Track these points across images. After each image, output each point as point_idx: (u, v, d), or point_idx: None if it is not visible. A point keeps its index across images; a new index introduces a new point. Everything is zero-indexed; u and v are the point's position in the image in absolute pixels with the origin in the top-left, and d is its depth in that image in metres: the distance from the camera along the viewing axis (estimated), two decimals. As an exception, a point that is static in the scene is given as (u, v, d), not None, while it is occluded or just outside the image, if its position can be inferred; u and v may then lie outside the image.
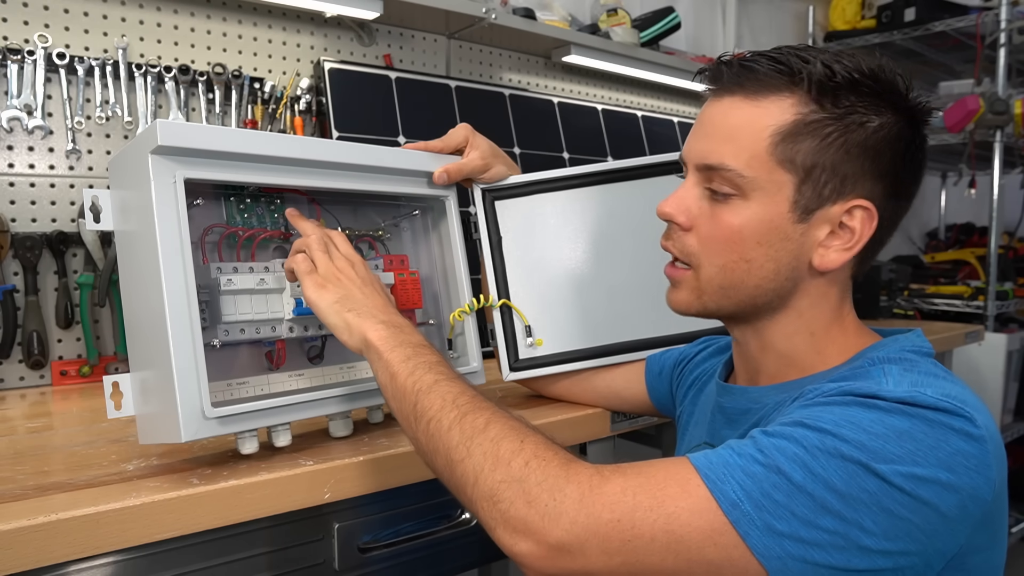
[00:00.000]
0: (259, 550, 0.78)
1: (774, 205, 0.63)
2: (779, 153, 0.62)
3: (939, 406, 0.53)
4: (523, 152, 1.77)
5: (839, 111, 0.62)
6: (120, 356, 1.31)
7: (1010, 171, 3.31)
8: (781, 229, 0.64)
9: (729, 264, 0.66)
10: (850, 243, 0.64)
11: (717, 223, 0.66)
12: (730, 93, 0.65)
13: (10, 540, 0.60)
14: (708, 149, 0.65)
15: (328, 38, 1.61)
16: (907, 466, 0.51)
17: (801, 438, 0.53)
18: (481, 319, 1.02)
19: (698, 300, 0.69)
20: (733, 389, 0.75)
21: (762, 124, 0.63)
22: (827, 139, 0.62)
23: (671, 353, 0.96)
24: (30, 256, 1.24)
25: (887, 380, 0.58)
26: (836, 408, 0.55)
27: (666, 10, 2.09)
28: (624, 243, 1.03)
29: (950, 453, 0.52)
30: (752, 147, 0.63)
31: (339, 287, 0.74)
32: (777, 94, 0.63)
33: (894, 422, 0.53)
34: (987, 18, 2.49)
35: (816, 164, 0.62)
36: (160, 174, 0.71)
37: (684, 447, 0.85)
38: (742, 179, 0.63)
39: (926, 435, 0.52)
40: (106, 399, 0.76)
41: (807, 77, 0.62)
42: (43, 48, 1.26)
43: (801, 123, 0.62)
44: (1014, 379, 2.64)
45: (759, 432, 0.56)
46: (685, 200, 0.68)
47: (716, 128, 0.66)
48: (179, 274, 0.71)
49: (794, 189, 0.63)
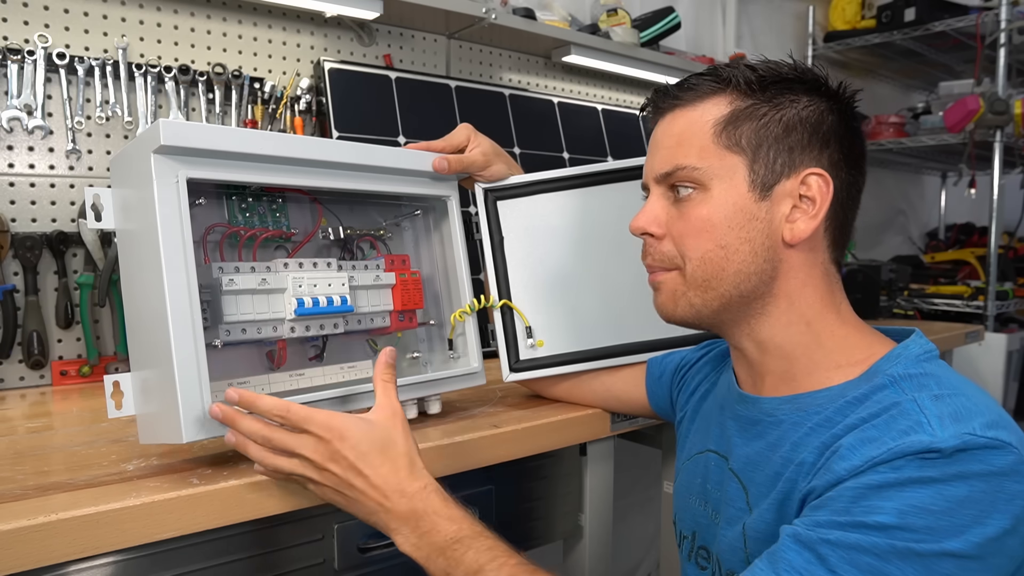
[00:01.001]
0: (259, 550, 0.78)
1: (733, 188, 0.67)
2: (724, 139, 0.67)
3: (989, 445, 0.54)
4: (523, 152, 1.77)
5: (768, 95, 0.67)
6: (120, 356, 1.31)
7: (1010, 171, 3.31)
8: (746, 209, 0.67)
9: (707, 254, 0.67)
10: (813, 210, 0.67)
11: (687, 219, 0.68)
12: (671, 109, 0.71)
13: (10, 540, 0.60)
14: (661, 159, 0.70)
15: (328, 38, 1.61)
16: (975, 532, 0.52)
17: (870, 546, 0.52)
18: (482, 319, 1.02)
19: (683, 298, 0.70)
20: (747, 398, 0.73)
21: (703, 120, 0.68)
22: (764, 118, 0.67)
23: (672, 357, 0.96)
24: (30, 256, 1.24)
25: (928, 418, 0.56)
26: (893, 492, 0.53)
27: (666, 10, 2.09)
28: (626, 244, 1.03)
29: (1007, 499, 0.53)
30: (699, 141, 0.68)
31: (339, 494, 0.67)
32: (712, 97, 0.69)
33: (954, 492, 0.52)
34: (987, 18, 2.49)
35: (761, 142, 0.67)
36: (162, 173, 0.71)
37: (685, 453, 0.85)
38: (697, 171, 0.67)
39: (984, 493, 0.53)
40: (107, 398, 0.75)
41: (735, 78, 0.68)
42: (43, 48, 1.26)
43: (738, 111, 0.67)
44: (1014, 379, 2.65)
45: (823, 544, 0.54)
46: (653, 211, 0.71)
47: (664, 140, 0.71)
48: (181, 274, 0.70)
49: (747, 169, 0.67)
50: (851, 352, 0.67)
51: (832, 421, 0.63)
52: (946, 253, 3.19)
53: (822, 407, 0.65)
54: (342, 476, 0.66)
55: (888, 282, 2.25)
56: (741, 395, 0.75)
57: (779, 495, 0.64)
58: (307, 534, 0.81)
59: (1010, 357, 2.54)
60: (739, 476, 0.71)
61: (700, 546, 0.77)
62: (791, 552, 0.55)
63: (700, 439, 0.82)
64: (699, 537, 0.77)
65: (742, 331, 0.71)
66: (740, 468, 0.71)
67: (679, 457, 0.86)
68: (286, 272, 0.84)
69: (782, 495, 0.63)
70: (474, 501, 0.94)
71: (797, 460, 0.63)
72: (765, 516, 0.64)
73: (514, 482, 1.01)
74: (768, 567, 0.55)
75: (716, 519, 0.73)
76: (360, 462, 0.66)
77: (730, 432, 0.75)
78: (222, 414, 0.68)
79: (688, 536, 0.79)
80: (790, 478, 0.63)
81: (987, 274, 2.56)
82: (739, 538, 0.67)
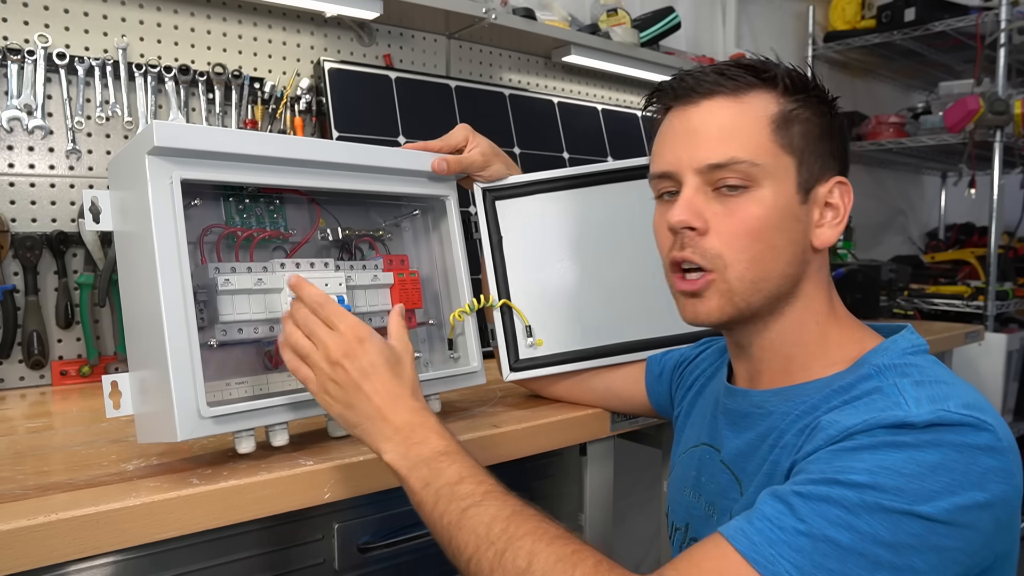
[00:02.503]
0: (259, 550, 0.78)
1: (784, 189, 0.66)
2: (779, 138, 0.66)
3: (964, 422, 0.54)
4: (523, 152, 1.77)
5: (810, 99, 0.68)
6: (120, 356, 1.31)
7: (1010, 171, 3.31)
8: (792, 211, 0.67)
9: (757, 255, 0.66)
10: (838, 218, 0.69)
11: (737, 217, 0.66)
12: (708, 96, 0.68)
13: (10, 540, 0.60)
14: (710, 150, 0.66)
15: (328, 38, 1.61)
16: (946, 499, 0.52)
17: (840, 498, 0.53)
18: (481, 319, 1.02)
19: (730, 303, 0.67)
20: (736, 391, 0.75)
21: (756, 115, 0.66)
22: (808, 123, 0.67)
23: (672, 355, 0.96)
24: (30, 256, 1.24)
25: (906, 400, 0.57)
26: (866, 454, 0.54)
27: (666, 10, 2.09)
28: (625, 243, 1.03)
29: (981, 473, 0.53)
30: (756, 137, 0.66)
31: (337, 393, 0.70)
32: (755, 91, 0.67)
33: (926, 457, 0.53)
34: (987, 18, 2.49)
35: (805, 146, 0.67)
36: (157, 175, 0.71)
37: (681, 447, 0.85)
38: (755, 168, 0.65)
39: (957, 462, 0.53)
40: (105, 398, 0.76)
41: (779, 76, 0.67)
42: (43, 48, 1.26)
43: (787, 111, 0.67)
44: (1014, 379, 2.64)
45: (794, 496, 0.55)
46: (694, 205, 0.67)
47: (707, 129, 0.67)
48: (175, 274, 0.71)
49: (795, 171, 0.66)
50: (846, 348, 0.69)
51: (817, 407, 0.64)
52: (946, 253, 3.19)
53: (809, 396, 0.66)
54: (352, 375, 0.69)
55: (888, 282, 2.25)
56: (729, 389, 0.76)
57: (764, 477, 0.65)
58: (307, 534, 0.81)
59: (1010, 357, 2.53)
60: (731, 467, 0.72)
61: (692, 538, 0.77)
62: (765, 505, 0.56)
63: (695, 433, 0.83)
64: (692, 529, 0.78)
65: (752, 330, 0.71)
66: (731, 460, 0.72)
67: (675, 451, 0.87)
68: (283, 272, 0.84)
69: (766, 477, 0.65)
70: (474, 501, 0.94)
71: (781, 443, 0.65)
72: (751, 498, 0.65)
73: (514, 482, 1.00)
74: (743, 518, 0.56)
75: (711, 512, 0.74)
76: (371, 367, 0.69)
77: (720, 425, 0.76)
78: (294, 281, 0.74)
79: (681, 528, 0.80)
80: (774, 460, 0.65)
81: (987, 274, 2.55)
82: None
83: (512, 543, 0.58)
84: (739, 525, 0.55)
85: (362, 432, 0.69)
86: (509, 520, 0.60)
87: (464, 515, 0.62)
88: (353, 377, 0.69)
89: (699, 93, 0.68)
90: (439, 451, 0.66)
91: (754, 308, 0.68)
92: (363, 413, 0.69)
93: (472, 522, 0.61)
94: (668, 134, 0.70)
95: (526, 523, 0.60)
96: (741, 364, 0.76)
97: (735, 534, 0.55)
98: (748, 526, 0.55)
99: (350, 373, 0.69)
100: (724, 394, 0.77)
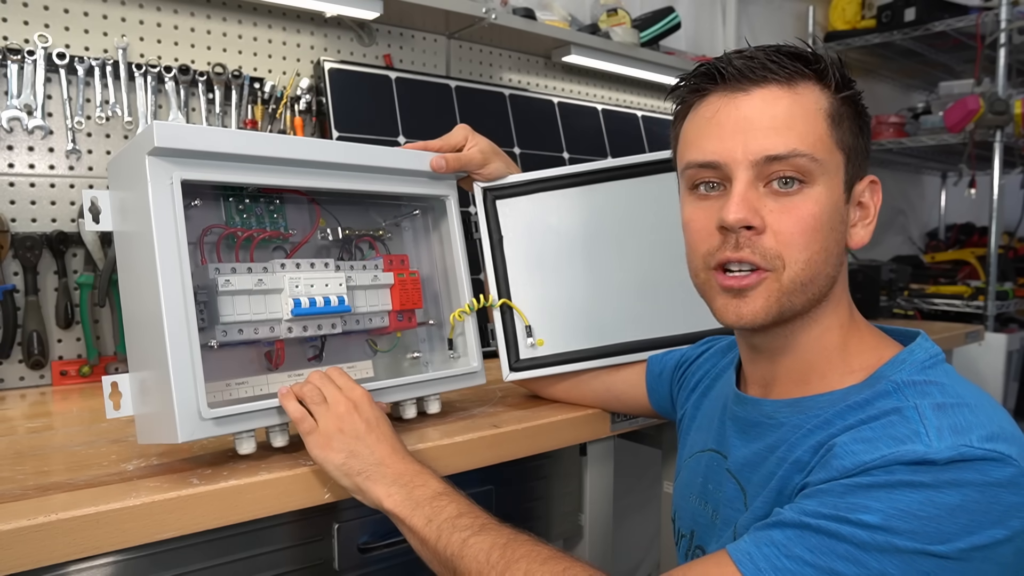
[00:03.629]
0: (259, 550, 0.78)
1: (835, 187, 0.64)
2: (834, 134, 0.64)
3: (986, 457, 0.52)
4: (523, 152, 1.77)
5: (850, 96, 0.65)
6: (120, 356, 1.31)
7: (1010, 171, 3.31)
8: (840, 211, 0.65)
9: (813, 256, 0.63)
10: (868, 217, 0.67)
11: (794, 216, 0.62)
12: (759, 85, 0.63)
13: (10, 540, 0.60)
14: (767, 140, 0.62)
15: (328, 38, 1.61)
16: (963, 539, 0.51)
17: (851, 536, 0.52)
18: (482, 319, 1.02)
19: (777, 304, 0.63)
20: (747, 400, 0.73)
21: (812, 108, 0.63)
22: (853, 119, 0.65)
23: (672, 355, 0.95)
24: (30, 256, 1.24)
25: (927, 429, 0.55)
26: (882, 493, 0.53)
27: (666, 10, 2.09)
28: (626, 242, 1.03)
29: (1002, 511, 0.51)
30: (815, 130, 0.63)
31: (342, 443, 0.74)
32: (807, 81, 0.64)
33: (944, 499, 0.51)
34: (987, 18, 2.49)
35: (852, 143, 0.65)
36: (157, 175, 0.71)
37: (687, 451, 0.85)
38: (815, 163, 0.62)
39: (978, 502, 0.51)
40: (105, 399, 0.76)
41: (827, 68, 0.64)
42: (43, 48, 1.26)
43: (836, 106, 0.64)
44: (1014, 379, 2.64)
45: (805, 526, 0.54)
46: (750, 201, 0.62)
47: (763, 119, 0.63)
48: (175, 275, 0.71)
49: (844, 169, 0.65)
50: (865, 356, 0.66)
51: (831, 423, 0.62)
52: (946, 253, 3.19)
53: (823, 410, 0.64)
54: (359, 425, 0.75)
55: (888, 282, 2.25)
56: (739, 396, 0.74)
57: (772, 493, 0.64)
58: (307, 534, 0.81)
59: (1010, 357, 2.53)
60: (737, 477, 0.71)
61: (697, 545, 0.77)
62: (774, 530, 0.55)
63: (701, 437, 0.81)
64: (697, 536, 0.77)
65: (780, 334, 0.68)
66: (737, 469, 0.71)
67: (680, 455, 0.86)
68: (283, 272, 0.84)
69: (775, 493, 0.63)
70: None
71: (792, 459, 0.63)
72: (757, 513, 0.64)
73: (514, 482, 1.01)
74: (751, 540, 0.56)
75: (715, 519, 0.73)
76: (376, 421, 0.76)
77: (729, 433, 0.75)
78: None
79: (686, 535, 0.79)
80: (784, 476, 0.63)
81: (987, 274, 2.56)
82: (731, 538, 0.67)
83: (510, 566, 0.63)
84: (746, 548, 0.55)
85: (364, 478, 0.73)
86: (505, 547, 0.64)
87: (465, 545, 0.66)
88: (360, 427, 0.75)
89: (750, 80, 0.63)
90: (439, 492, 0.71)
91: (796, 310, 0.65)
92: (368, 460, 0.73)
93: (473, 551, 0.65)
94: (712, 121, 0.65)
95: (521, 547, 0.64)
96: (756, 368, 0.73)
97: (742, 557, 0.54)
98: (755, 550, 0.54)
99: (357, 424, 0.75)
100: (734, 401, 0.75)
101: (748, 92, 0.64)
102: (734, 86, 0.64)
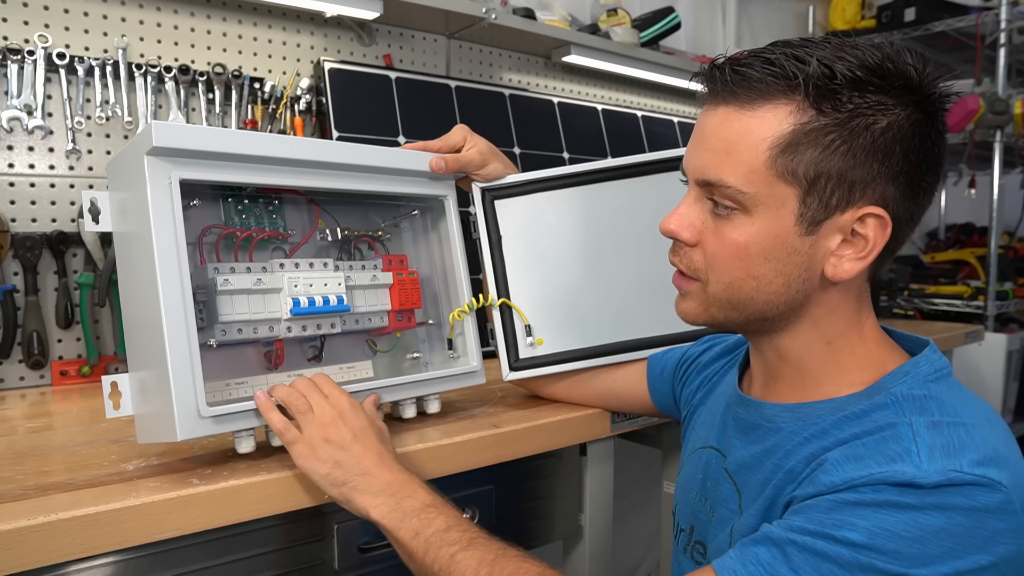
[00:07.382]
0: (259, 550, 0.78)
1: (778, 220, 0.60)
2: (779, 166, 0.59)
3: (975, 482, 0.52)
4: (523, 152, 1.77)
5: (841, 115, 0.58)
6: (120, 356, 1.31)
7: (1010, 171, 3.31)
8: (788, 243, 0.61)
9: (736, 281, 0.63)
10: (864, 252, 0.61)
11: (721, 240, 0.63)
12: (724, 102, 0.62)
13: (10, 540, 0.60)
14: (705, 164, 0.63)
15: (328, 38, 1.61)
16: (947, 563, 0.51)
17: (835, 555, 0.52)
18: (481, 318, 1.02)
19: (706, 312, 0.67)
20: (749, 401, 0.73)
21: (759, 136, 0.59)
22: (830, 147, 0.58)
23: (673, 353, 0.95)
24: (30, 256, 1.24)
25: (919, 448, 0.54)
26: (868, 511, 0.53)
27: (666, 10, 2.09)
28: (624, 241, 1.03)
29: (987, 537, 0.51)
30: (750, 161, 0.60)
31: (328, 452, 0.72)
32: (773, 101, 0.59)
33: (929, 521, 0.51)
34: (987, 18, 2.49)
35: (820, 174, 0.59)
36: (156, 175, 0.71)
37: (689, 447, 0.85)
38: (742, 195, 0.60)
39: (963, 526, 0.51)
40: (105, 399, 0.76)
41: (803, 81, 0.57)
42: (43, 48, 1.26)
43: (800, 132, 0.58)
44: (1014, 379, 2.64)
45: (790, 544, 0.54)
46: (688, 216, 0.65)
47: (712, 141, 0.62)
48: (174, 275, 0.71)
49: (798, 202, 0.60)
50: (865, 371, 0.66)
51: (827, 433, 0.62)
52: (946, 253, 3.19)
53: (821, 418, 0.64)
54: (345, 434, 0.73)
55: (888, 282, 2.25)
56: (741, 397, 0.75)
57: (766, 501, 0.64)
58: (307, 534, 0.81)
59: (1010, 357, 2.53)
60: (733, 478, 0.71)
61: (697, 540, 0.77)
62: (760, 547, 0.56)
63: (703, 434, 0.82)
64: (697, 532, 0.77)
65: (763, 339, 0.69)
66: (735, 470, 0.71)
67: (684, 450, 0.87)
68: (282, 272, 0.84)
69: (768, 501, 0.64)
70: (474, 501, 0.94)
71: (786, 467, 0.63)
72: (750, 521, 0.65)
73: (514, 482, 1.01)
74: (737, 557, 0.57)
75: (713, 517, 0.74)
76: (362, 430, 0.75)
77: (730, 432, 0.75)
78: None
79: (686, 529, 0.79)
80: (777, 484, 0.64)
81: (987, 274, 2.56)
82: (727, 540, 0.68)
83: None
84: (732, 565, 0.56)
85: (350, 489, 0.72)
86: (494, 563, 0.64)
87: (453, 560, 0.65)
88: (346, 437, 0.73)
89: (716, 93, 0.62)
90: (427, 504, 0.70)
91: (736, 324, 0.67)
92: (353, 470, 0.72)
93: (461, 566, 0.65)
94: (695, 128, 0.66)
95: (509, 563, 0.64)
96: (760, 366, 0.73)
97: (727, 574, 0.55)
98: (741, 568, 0.55)
99: (343, 433, 0.74)
100: (736, 401, 0.76)
101: (715, 108, 0.63)
102: (715, 95, 0.63)
